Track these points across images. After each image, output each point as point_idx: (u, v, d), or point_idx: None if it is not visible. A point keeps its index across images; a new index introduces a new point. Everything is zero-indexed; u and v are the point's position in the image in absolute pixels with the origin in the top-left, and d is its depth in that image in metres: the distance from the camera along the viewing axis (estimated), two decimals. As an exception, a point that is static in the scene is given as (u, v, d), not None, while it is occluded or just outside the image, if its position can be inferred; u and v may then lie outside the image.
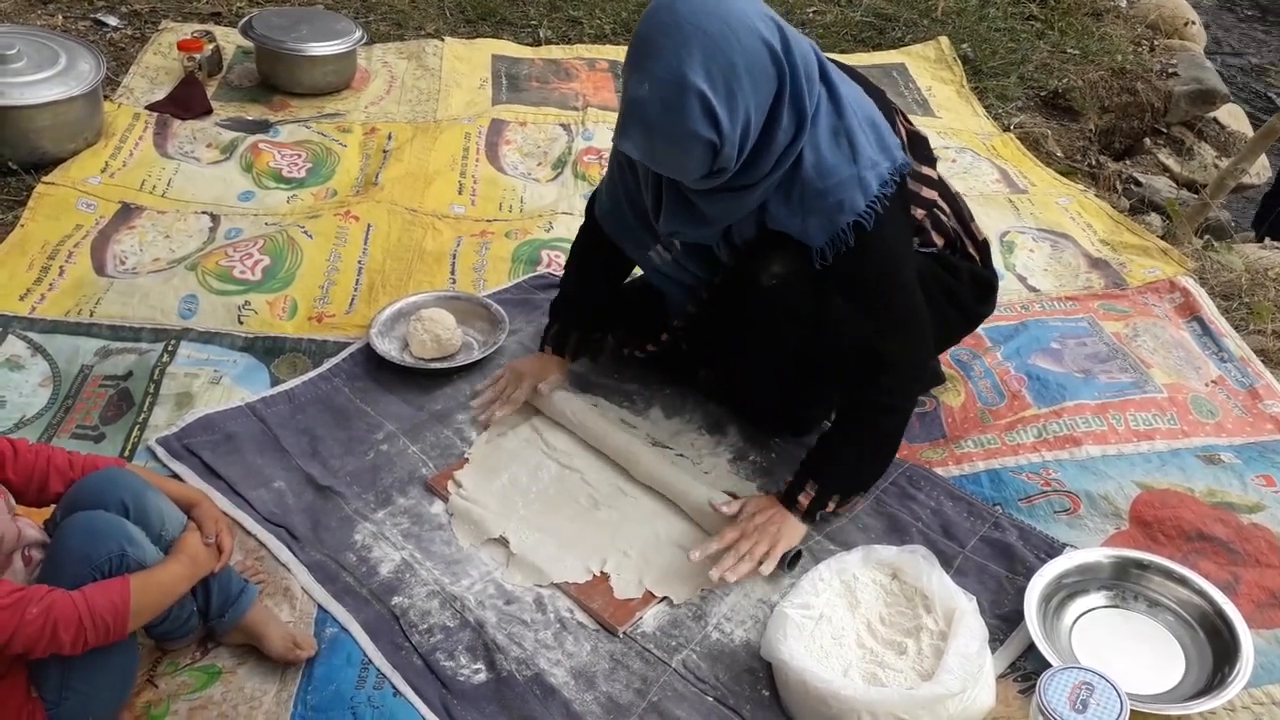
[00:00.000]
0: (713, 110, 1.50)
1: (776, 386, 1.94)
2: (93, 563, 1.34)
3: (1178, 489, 1.94)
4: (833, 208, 1.64)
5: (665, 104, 1.49)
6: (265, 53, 3.21)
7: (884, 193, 1.66)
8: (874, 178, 1.66)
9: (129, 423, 1.97)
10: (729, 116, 1.51)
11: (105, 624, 1.31)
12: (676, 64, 1.48)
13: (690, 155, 1.54)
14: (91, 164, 2.77)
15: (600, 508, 1.88)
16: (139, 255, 2.46)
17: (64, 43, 2.89)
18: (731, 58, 1.50)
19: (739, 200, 1.67)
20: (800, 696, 1.52)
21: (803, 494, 1.77)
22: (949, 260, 1.94)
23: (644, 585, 1.73)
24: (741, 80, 1.51)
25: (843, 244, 1.66)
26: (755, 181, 1.64)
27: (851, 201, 1.64)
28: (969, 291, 1.98)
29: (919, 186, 1.84)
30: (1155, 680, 1.63)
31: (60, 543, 1.34)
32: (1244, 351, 2.35)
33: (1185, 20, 4.41)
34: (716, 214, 1.71)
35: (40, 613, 1.27)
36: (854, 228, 1.65)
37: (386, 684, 1.55)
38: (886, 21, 4.14)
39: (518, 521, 1.83)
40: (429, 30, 3.75)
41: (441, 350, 2.16)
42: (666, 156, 1.57)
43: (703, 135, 1.51)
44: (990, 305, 2.06)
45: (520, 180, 2.92)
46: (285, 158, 2.90)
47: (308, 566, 1.72)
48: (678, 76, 1.48)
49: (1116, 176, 3.47)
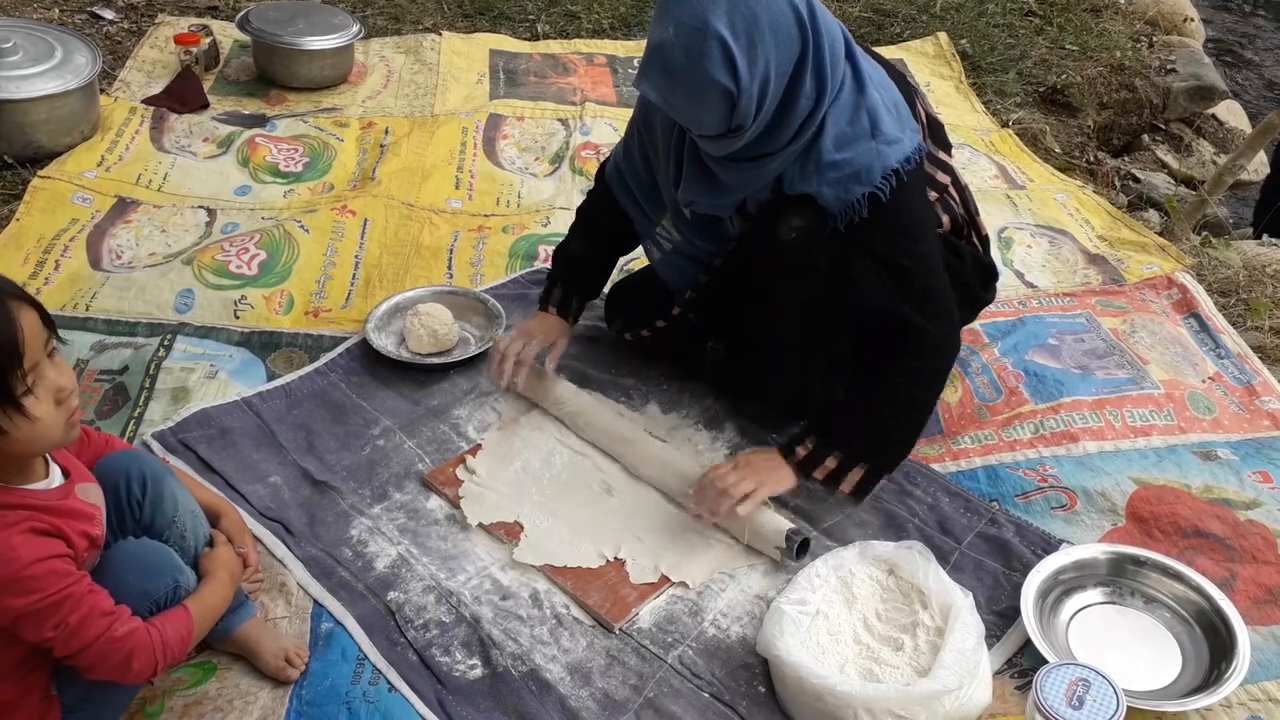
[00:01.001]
0: (732, 57, 1.52)
1: (785, 359, 1.92)
2: (151, 597, 1.35)
3: (1174, 485, 1.94)
4: (848, 178, 1.66)
5: (686, 48, 1.52)
6: (262, 47, 3.20)
7: (903, 168, 1.67)
8: (894, 153, 1.67)
9: (125, 417, 1.97)
10: (748, 67, 1.53)
11: (174, 656, 1.33)
12: (700, 9, 1.51)
13: (707, 103, 1.56)
14: (87, 158, 2.76)
15: (614, 493, 1.89)
16: (135, 249, 2.46)
17: (60, 36, 2.88)
18: (755, 10, 1.53)
19: (758, 170, 1.69)
20: (796, 692, 1.52)
21: (800, 446, 1.74)
22: (954, 243, 1.94)
23: (659, 570, 1.74)
24: (764, 33, 1.54)
25: (856, 214, 1.66)
26: (775, 150, 1.66)
27: (868, 173, 1.65)
28: (973, 275, 1.98)
29: (934, 170, 1.86)
30: (1151, 677, 1.63)
31: (115, 576, 1.33)
32: (1241, 348, 2.35)
33: (1184, 16, 4.41)
34: (736, 183, 1.72)
35: (125, 634, 1.27)
36: (869, 199, 1.65)
37: (382, 679, 1.54)
38: (885, 17, 4.13)
39: (531, 506, 1.84)
40: (426, 24, 3.74)
41: (438, 345, 2.16)
42: (684, 102, 1.58)
43: (720, 82, 1.53)
44: (992, 292, 2.07)
45: (518, 175, 2.91)
46: (282, 152, 2.89)
47: (303, 561, 1.72)
48: (700, 21, 1.51)
49: (1115, 173, 3.46)
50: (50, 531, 1.25)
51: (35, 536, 1.23)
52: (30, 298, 1.23)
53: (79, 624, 1.24)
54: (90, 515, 1.33)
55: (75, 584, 1.25)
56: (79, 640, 1.25)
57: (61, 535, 1.26)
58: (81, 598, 1.25)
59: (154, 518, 1.45)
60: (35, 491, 1.28)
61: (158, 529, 1.46)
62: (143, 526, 1.45)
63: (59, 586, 1.23)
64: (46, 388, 1.22)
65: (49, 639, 1.24)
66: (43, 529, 1.24)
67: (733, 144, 1.63)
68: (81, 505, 1.32)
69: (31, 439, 1.23)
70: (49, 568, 1.23)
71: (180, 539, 1.47)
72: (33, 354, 1.20)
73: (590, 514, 1.84)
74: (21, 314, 1.19)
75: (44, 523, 1.25)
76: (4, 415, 1.19)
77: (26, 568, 1.21)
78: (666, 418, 2.07)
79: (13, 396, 1.19)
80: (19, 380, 1.19)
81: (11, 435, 1.20)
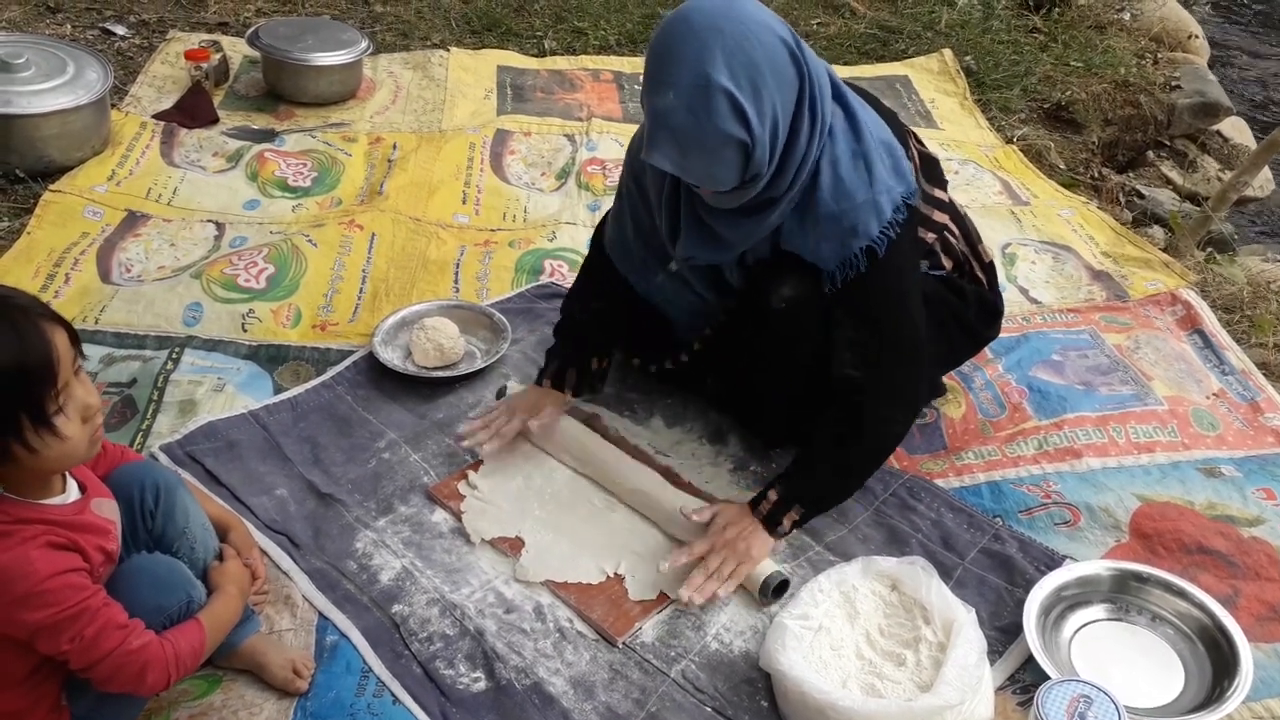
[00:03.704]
0: (741, 108, 1.48)
1: (784, 402, 1.93)
2: (165, 611, 1.36)
3: (1178, 502, 1.94)
4: (846, 232, 1.64)
5: (691, 108, 1.48)
6: (272, 62, 3.23)
7: (897, 218, 1.66)
8: (888, 202, 1.65)
9: (133, 429, 1.98)
10: (757, 114, 1.50)
11: (186, 669, 1.34)
12: (699, 66, 1.47)
13: (722, 159, 1.52)
14: (98, 172, 2.79)
15: (614, 509, 1.89)
16: (144, 263, 2.48)
17: (72, 52, 2.91)
18: (753, 56, 1.49)
19: (758, 222, 1.66)
20: (799, 707, 1.52)
21: (764, 502, 1.75)
22: (957, 284, 1.94)
23: (658, 587, 1.74)
24: (765, 77, 1.50)
25: (853, 269, 1.65)
26: (777, 196, 1.63)
27: (865, 226, 1.64)
28: (975, 315, 1.99)
29: (930, 210, 1.84)
30: (1154, 693, 1.63)
31: (129, 590, 1.34)
32: (1245, 364, 2.35)
33: (1188, 33, 4.43)
34: (735, 238, 1.71)
35: (140, 648, 1.28)
36: (866, 252, 1.65)
37: (386, 692, 1.55)
38: (890, 34, 4.15)
39: (533, 522, 1.85)
40: (434, 41, 3.77)
41: (444, 359, 2.17)
42: (699, 163, 1.54)
43: (734, 135, 1.49)
44: (995, 330, 2.07)
45: (524, 190, 2.93)
46: (291, 167, 2.91)
47: (308, 574, 1.72)
48: (701, 79, 1.47)
49: (1119, 189, 3.47)
50: (67, 546, 1.26)
51: (52, 551, 1.24)
52: (60, 317, 1.24)
53: (95, 637, 1.25)
54: (106, 530, 1.34)
55: (91, 597, 1.26)
56: (95, 653, 1.26)
57: (78, 549, 1.27)
58: (97, 611, 1.26)
59: (165, 528, 1.47)
60: (52, 506, 1.29)
61: (168, 539, 1.47)
62: (154, 537, 1.46)
63: (75, 600, 1.24)
64: (75, 406, 1.24)
65: (65, 651, 1.25)
66: (60, 543, 1.26)
67: (746, 195, 1.61)
68: (97, 520, 1.33)
69: (60, 457, 1.24)
70: (66, 581, 1.24)
71: (190, 550, 1.48)
72: (64, 373, 1.21)
73: (591, 530, 1.85)
74: (55, 334, 1.21)
75: (61, 537, 1.26)
76: (36, 435, 1.20)
77: (44, 581, 1.22)
78: (670, 432, 2.08)
79: (45, 417, 1.20)
80: (52, 400, 1.20)
81: (41, 454, 1.22)
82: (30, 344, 1.18)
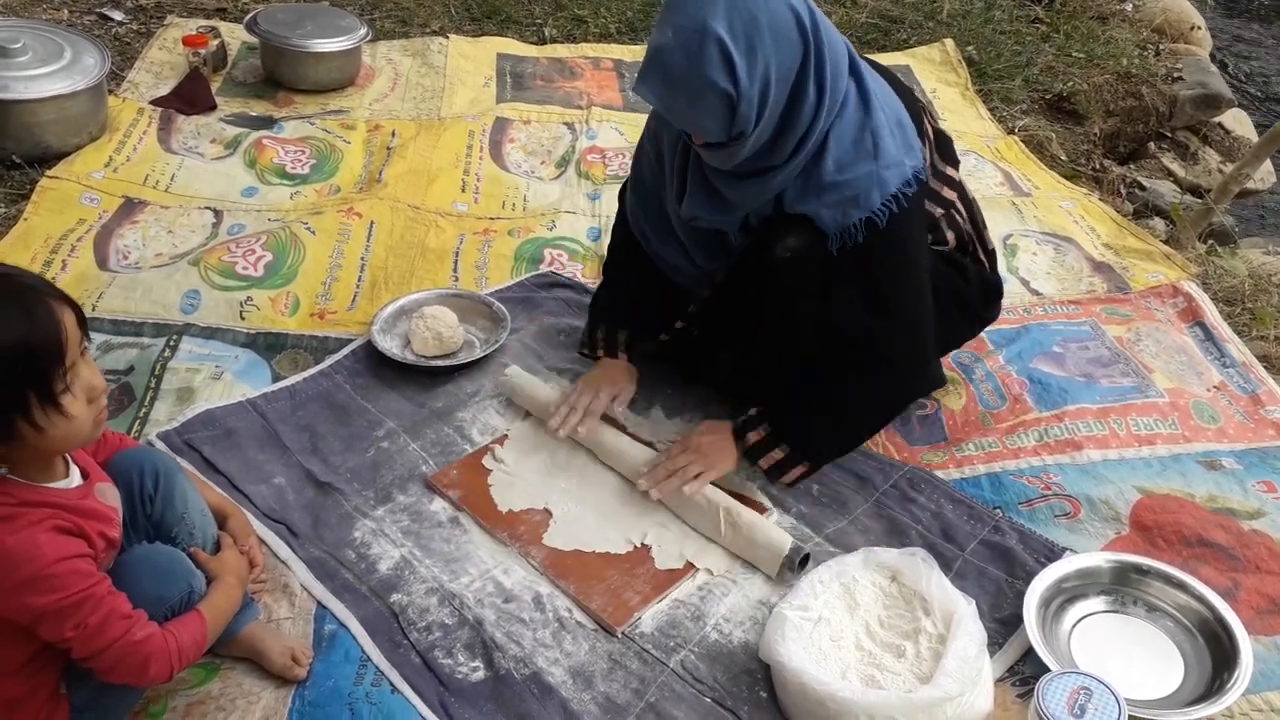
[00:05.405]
0: (730, 59, 1.51)
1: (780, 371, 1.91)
2: (166, 602, 1.36)
3: (1178, 494, 1.94)
4: (847, 201, 1.66)
5: (685, 50, 1.52)
6: (270, 49, 3.21)
7: (903, 192, 1.67)
8: (894, 177, 1.66)
9: (130, 417, 1.98)
10: (747, 69, 1.53)
11: (188, 660, 1.34)
12: (700, 13, 1.51)
13: (705, 105, 1.55)
14: (95, 158, 2.77)
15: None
16: (142, 250, 2.47)
17: (69, 37, 2.89)
18: (754, 12, 1.52)
19: (761, 185, 1.68)
20: (798, 698, 1.52)
21: (753, 432, 1.79)
22: (959, 261, 1.94)
23: (684, 557, 1.77)
24: (763, 35, 1.53)
25: (851, 238, 1.66)
26: (778, 164, 1.65)
27: (866, 197, 1.65)
28: (977, 294, 1.98)
29: (940, 185, 1.85)
30: (1154, 686, 1.63)
31: (131, 581, 1.33)
32: (1246, 357, 2.35)
33: (1191, 24, 4.41)
34: (739, 199, 1.72)
35: (144, 638, 1.28)
36: (865, 224, 1.65)
37: (384, 681, 1.55)
38: (892, 23, 4.13)
39: (559, 494, 1.88)
40: (434, 28, 3.75)
41: (443, 348, 2.16)
42: (680, 104, 1.58)
43: (719, 84, 1.52)
44: (995, 310, 2.07)
45: (524, 178, 2.92)
46: (289, 154, 2.90)
47: (307, 563, 1.72)
48: (699, 24, 1.51)
49: (1120, 180, 3.46)
50: (73, 530, 1.26)
51: (59, 535, 1.24)
52: (68, 297, 1.25)
53: (99, 625, 1.25)
54: (109, 516, 1.34)
55: (97, 585, 1.26)
56: (98, 642, 1.25)
57: (83, 535, 1.27)
58: (102, 599, 1.25)
59: (164, 513, 1.46)
60: (57, 490, 1.29)
61: (168, 525, 1.47)
62: (153, 522, 1.46)
63: (81, 586, 1.24)
64: (81, 387, 1.24)
65: (68, 639, 1.24)
66: (66, 528, 1.25)
67: (735, 154, 1.62)
68: (101, 506, 1.33)
69: (65, 437, 1.24)
70: (72, 567, 1.24)
71: (189, 537, 1.48)
72: (72, 353, 1.22)
73: (616, 502, 1.88)
74: (63, 314, 1.21)
75: (67, 521, 1.26)
76: (43, 413, 1.20)
77: (51, 565, 1.22)
78: (670, 422, 2.07)
79: (53, 395, 1.21)
80: (59, 379, 1.21)
81: (47, 433, 1.22)
82: (39, 323, 1.19)
